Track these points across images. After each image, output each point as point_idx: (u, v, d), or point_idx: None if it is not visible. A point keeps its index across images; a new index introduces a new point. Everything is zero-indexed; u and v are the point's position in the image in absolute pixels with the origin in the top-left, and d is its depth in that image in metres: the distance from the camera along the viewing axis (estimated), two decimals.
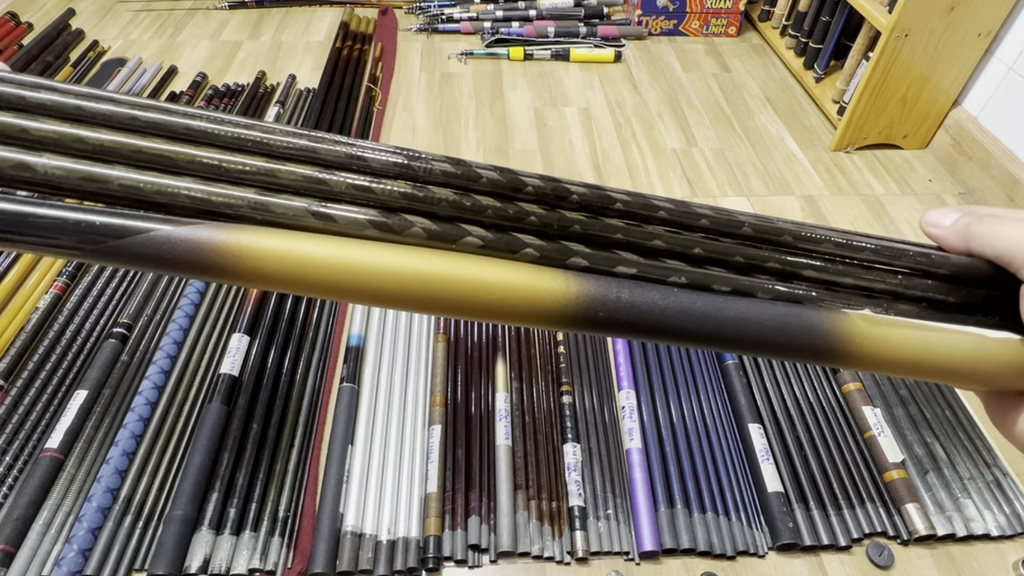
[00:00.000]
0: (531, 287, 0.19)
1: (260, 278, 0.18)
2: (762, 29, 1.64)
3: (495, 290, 0.19)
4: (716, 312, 0.19)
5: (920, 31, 1.10)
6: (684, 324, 0.19)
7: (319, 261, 0.18)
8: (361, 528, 0.67)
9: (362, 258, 0.18)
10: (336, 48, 1.48)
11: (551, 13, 1.63)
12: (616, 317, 0.19)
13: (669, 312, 0.19)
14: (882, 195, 1.18)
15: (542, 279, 0.19)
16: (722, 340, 0.20)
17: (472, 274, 0.19)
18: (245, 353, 0.82)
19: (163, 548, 0.64)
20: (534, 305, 0.19)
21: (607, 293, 0.19)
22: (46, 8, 1.66)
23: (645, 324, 0.19)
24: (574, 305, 0.19)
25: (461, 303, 0.19)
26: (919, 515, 0.69)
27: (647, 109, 1.38)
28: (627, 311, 0.19)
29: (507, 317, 0.19)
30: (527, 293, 0.19)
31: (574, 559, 0.67)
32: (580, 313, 0.19)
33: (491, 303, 0.19)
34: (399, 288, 0.18)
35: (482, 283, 0.19)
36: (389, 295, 0.18)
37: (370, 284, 0.18)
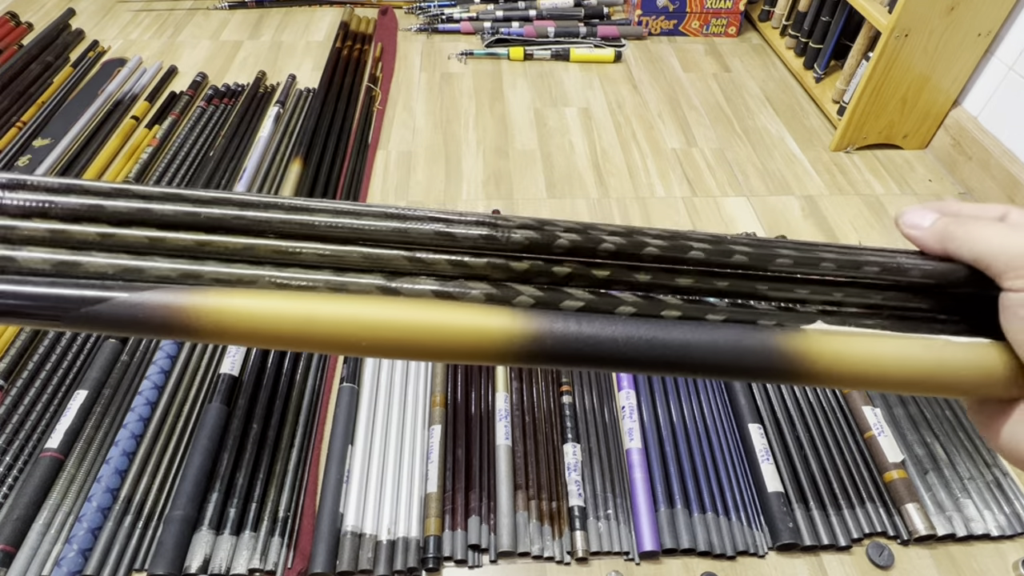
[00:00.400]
0: (478, 327, 0.19)
1: (219, 334, 0.19)
2: (762, 29, 1.64)
3: (444, 332, 0.19)
4: (665, 338, 0.20)
5: (920, 31, 1.10)
6: (633, 352, 0.19)
7: (271, 315, 0.19)
8: (361, 528, 0.67)
9: (313, 310, 0.19)
10: (336, 48, 1.48)
11: (551, 13, 1.63)
12: (564, 349, 0.19)
13: (619, 341, 0.19)
14: (882, 195, 1.18)
15: (488, 318, 0.19)
16: (674, 366, 0.20)
17: (419, 318, 0.19)
18: (245, 353, 0.82)
19: (163, 548, 0.64)
20: (483, 344, 0.19)
21: (552, 326, 0.19)
22: (46, 8, 1.66)
23: (594, 354, 0.19)
24: (521, 340, 0.19)
25: (411, 346, 0.19)
26: (919, 515, 0.69)
27: (647, 109, 1.38)
28: (575, 342, 0.19)
29: (458, 356, 0.20)
30: (475, 333, 0.19)
31: (574, 559, 0.67)
32: (528, 347, 0.19)
33: (441, 344, 0.19)
34: (352, 335, 0.19)
35: (429, 326, 0.19)
36: (340, 342, 0.19)
37: (321, 333, 0.19)
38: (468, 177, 1.19)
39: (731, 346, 0.20)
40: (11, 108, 1.27)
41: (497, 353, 0.19)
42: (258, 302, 0.19)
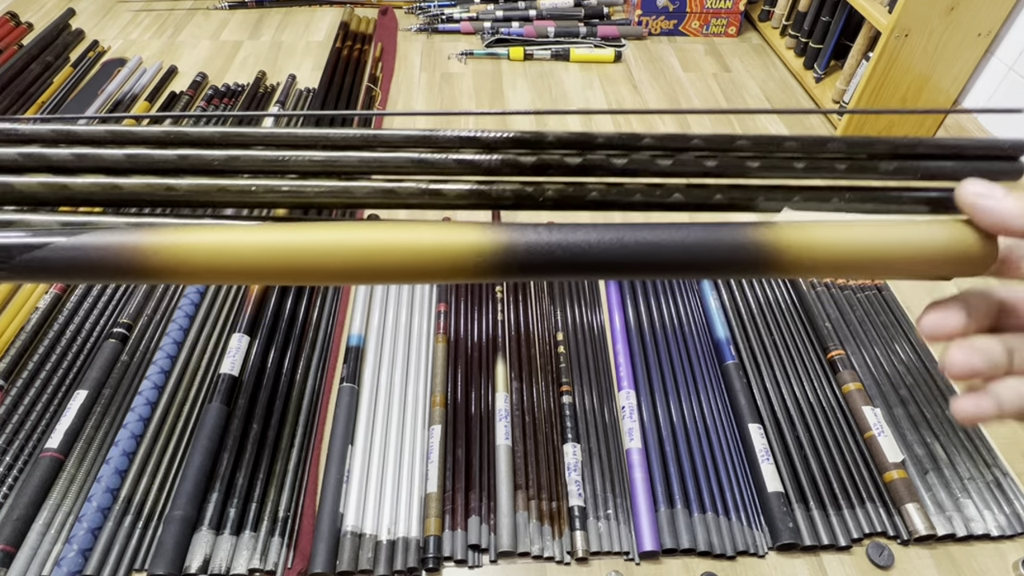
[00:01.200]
0: (447, 243, 0.19)
1: (173, 271, 0.19)
2: (762, 29, 1.64)
3: (411, 250, 0.19)
4: (636, 238, 0.20)
5: (920, 31, 1.10)
6: (606, 255, 0.20)
7: (227, 248, 0.19)
8: (361, 528, 0.67)
9: (270, 239, 0.19)
10: (336, 48, 1.48)
11: (551, 13, 1.63)
12: (537, 258, 0.19)
13: (592, 244, 0.20)
14: None
15: (455, 234, 0.19)
16: (647, 267, 0.20)
17: (383, 239, 0.19)
18: (245, 353, 0.82)
19: (163, 548, 0.64)
20: (453, 259, 0.19)
21: (521, 238, 0.19)
22: (46, 8, 1.66)
23: (568, 261, 0.19)
24: (492, 252, 0.19)
25: (377, 268, 0.19)
26: (919, 515, 0.69)
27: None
28: (546, 249, 0.19)
29: (428, 275, 0.19)
30: (444, 249, 0.19)
31: (574, 559, 0.67)
32: (500, 259, 0.19)
33: (409, 263, 0.19)
34: (314, 262, 0.19)
35: (395, 246, 0.19)
36: (302, 270, 0.19)
37: (281, 262, 0.19)
38: None
39: (702, 242, 0.20)
40: (11, 108, 1.27)
41: (468, 268, 0.19)
42: (213, 236, 0.18)
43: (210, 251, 0.18)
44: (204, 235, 0.18)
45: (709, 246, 0.20)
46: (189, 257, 0.18)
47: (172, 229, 0.18)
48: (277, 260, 0.19)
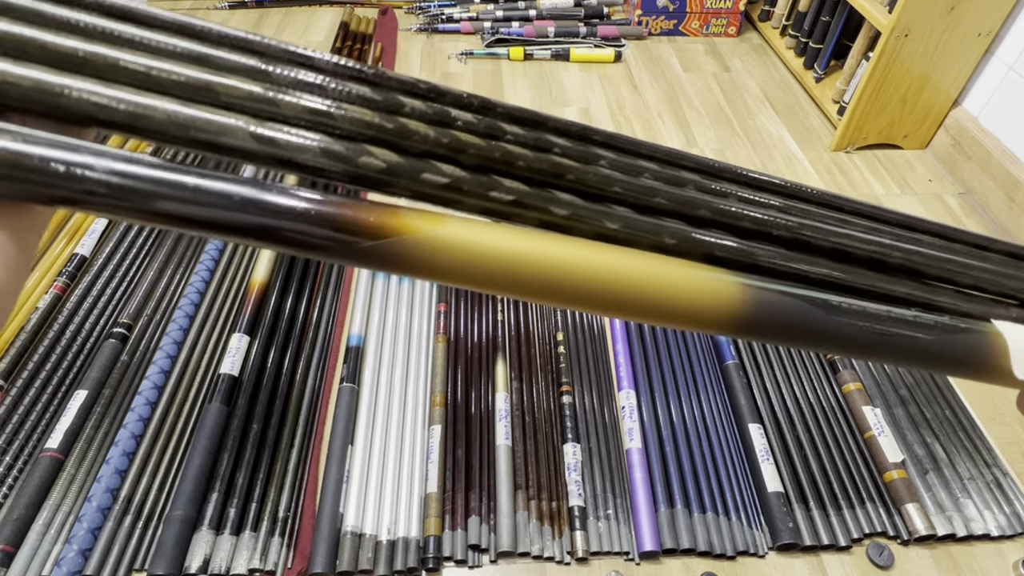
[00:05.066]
0: (705, 290, 0.18)
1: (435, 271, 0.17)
2: (762, 29, 1.64)
3: (667, 291, 0.18)
4: (878, 330, 0.19)
5: (920, 31, 1.10)
6: (850, 340, 0.19)
7: (485, 251, 0.17)
8: (361, 528, 0.67)
9: (532, 248, 0.17)
10: (336, 48, 1.48)
11: (551, 13, 1.63)
12: (777, 326, 0.19)
13: (830, 325, 0.19)
14: (882, 195, 1.17)
15: (716, 284, 0.18)
16: (869, 353, 0.19)
17: (645, 271, 0.18)
18: (245, 353, 0.82)
19: (163, 548, 0.64)
20: (706, 310, 0.18)
21: (774, 301, 0.18)
22: None
23: (805, 334, 0.19)
24: (741, 313, 0.18)
25: (630, 303, 0.18)
26: (919, 515, 0.69)
27: (647, 109, 1.38)
28: (790, 320, 0.19)
29: (672, 320, 0.18)
30: (700, 296, 0.18)
31: (574, 559, 0.67)
32: (747, 321, 0.18)
33: (662, 304, 0.18)
34: (567, 281, 0.18)
35: (656, 283, 0.18)
36: (562, 290, 0.18)
37: (539, 277, 0.17)
38: None
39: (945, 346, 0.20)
40: None
41: (716, 322, 0.18)
42: (473, 234, 0.17)
43: (479, 251, 0.17)
44: (476, 231, 0.17)
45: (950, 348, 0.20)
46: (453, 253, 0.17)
47: (435, 217, 0.17)
48: (547, 274, 0.17)
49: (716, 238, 0.20)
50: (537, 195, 0.19)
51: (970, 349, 0.19)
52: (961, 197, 1.17)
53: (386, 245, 0.16)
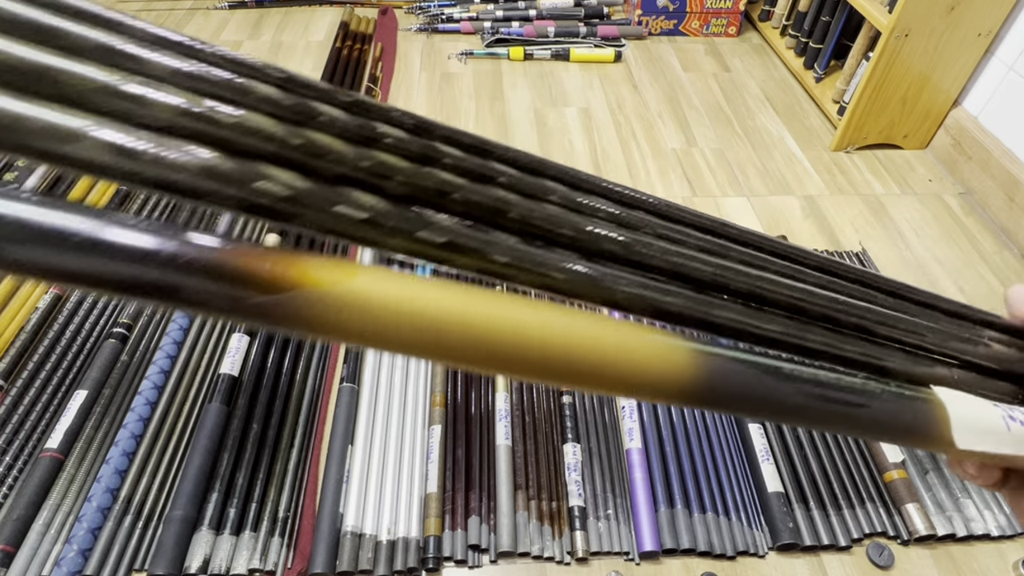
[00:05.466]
0: (656, 358, 0.16)
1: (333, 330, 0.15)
2: (762, 29, 1.64)
3: (612, 359, 0.16)
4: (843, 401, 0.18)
5: (920, 31, 1.10)
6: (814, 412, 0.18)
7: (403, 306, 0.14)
8: (361, 528, 0.67)
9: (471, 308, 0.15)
10: (336, 48, 1.48)
11: (551, 13, 1.63)
12: (729, 396, 0.17)
13: (791, 396, 0.17)
14: (882, 195, 1.18)
15: (668, 351, 0.16)
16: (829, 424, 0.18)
17: (589, 335, 0.16)
18: (245, 353, 0.82)
19: (163, 548, 0.64)
20: (655, 379, 0.16)
21: (728, 369, 0.17)
22: None
23: (755, 404, 0.17)
24: (693, 382, 0.16)
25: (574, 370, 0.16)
26: (919, 515, 0.69)
27: (647, 109, 1.38)
28: (742, 389, 0.17)
29: (615, 390, 0.17)
30: (650, 364, 0.16)
31: (574, 559, 0.67)
32: (699, 390, 0.17)
33: (605, 374, 0.16)
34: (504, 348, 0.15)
35: (600, 349, 0.16)
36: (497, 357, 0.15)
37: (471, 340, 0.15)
38: None
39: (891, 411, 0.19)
40: None
41: (665, 392, 0.16)
42: (405, 288, 0.14)
43: (388, 307, 0.14)
44: (393, 284, 0.14)
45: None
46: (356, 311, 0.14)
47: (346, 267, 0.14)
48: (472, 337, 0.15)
49: (672, 291, 0.18)
50: (475, 237, 0.16)
51: (915, 418, 0.19)
52: (961, 197, 1.17)
53: (283, 301, 0.13)
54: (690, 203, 1.15)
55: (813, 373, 0.18)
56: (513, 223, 0.17)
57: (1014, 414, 0.20)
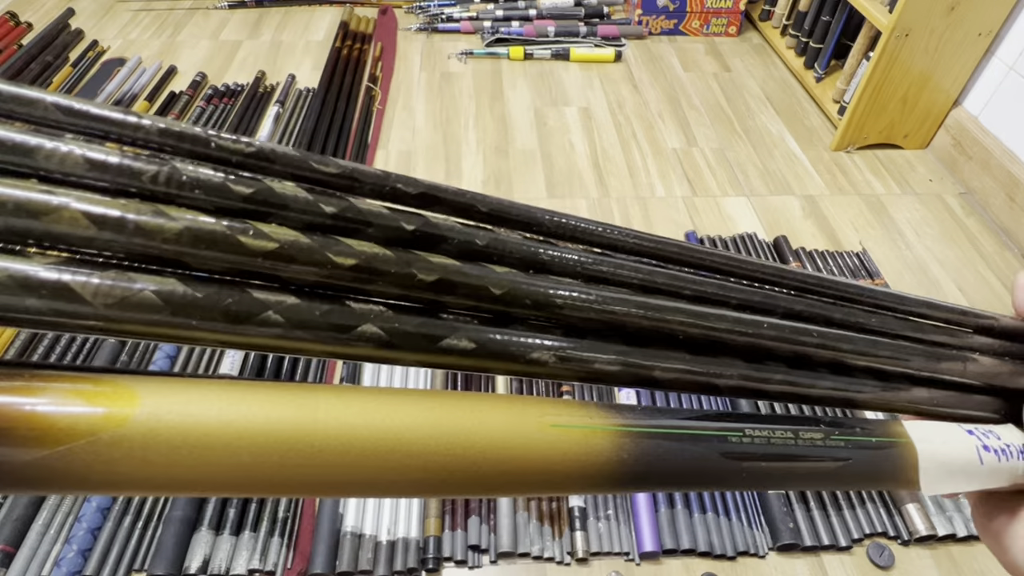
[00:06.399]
0: (567, 450, 0.14)
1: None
2: (762, 29, 1.64)
3: (507, 458, 0.13)
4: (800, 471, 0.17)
5: (920, 31, 1.10)
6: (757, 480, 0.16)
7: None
8: (361, 528, 0.67)
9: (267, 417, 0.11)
10: (336, 48, 1.48)
11: (551, 12, 1.63)
12: (667, 475, 0.15)
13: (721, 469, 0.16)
14: (883, 195, 1.17)
15: (583, 438, 0.14)
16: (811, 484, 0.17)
17: (478, 432, 0.13)
18: (244, 353, 0.82)
19: (163, 548, 0.64)
20: (567, 475, 0.14)
21: (662, 449, 0.15)
22: (46, 8, 1.66)
23: (700, 479, 0.16)
24: (618, 469, 0.14)
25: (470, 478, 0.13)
26: (919, 515, 0.69)
27: (647, 109, 1.38)
28: (682, 467, 0.15)
29: (517, 491, 0.14)
30: (561, 459, 0.14)
31: (574, 559, 0.67)
32: (627, 476, 0.15)
33: (502, 477, 0.13)
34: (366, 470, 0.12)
35: (494, 449, 0.13)
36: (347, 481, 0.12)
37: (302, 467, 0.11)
38: (468, 177, 1.18)
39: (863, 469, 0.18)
40: None
41: (586, 482, 0.14)
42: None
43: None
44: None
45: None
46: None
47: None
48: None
49: (601, 347, 0.15)
50: (307, 308, 0.12)
51: (880, 467, 0.17)
52: (962, 197, 1.17)
53: (48, 461, 0.10)
54: (690, 203, 1.15)
55: (765, 438, 0.16)
56: (380, 290, 0.14)
57: (989, 442, 0.19)
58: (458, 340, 0.14)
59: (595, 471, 0.14)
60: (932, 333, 0.20)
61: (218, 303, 0.11)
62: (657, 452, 0.15)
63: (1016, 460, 0.19)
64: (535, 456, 0.13)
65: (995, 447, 0.18)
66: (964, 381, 0.20)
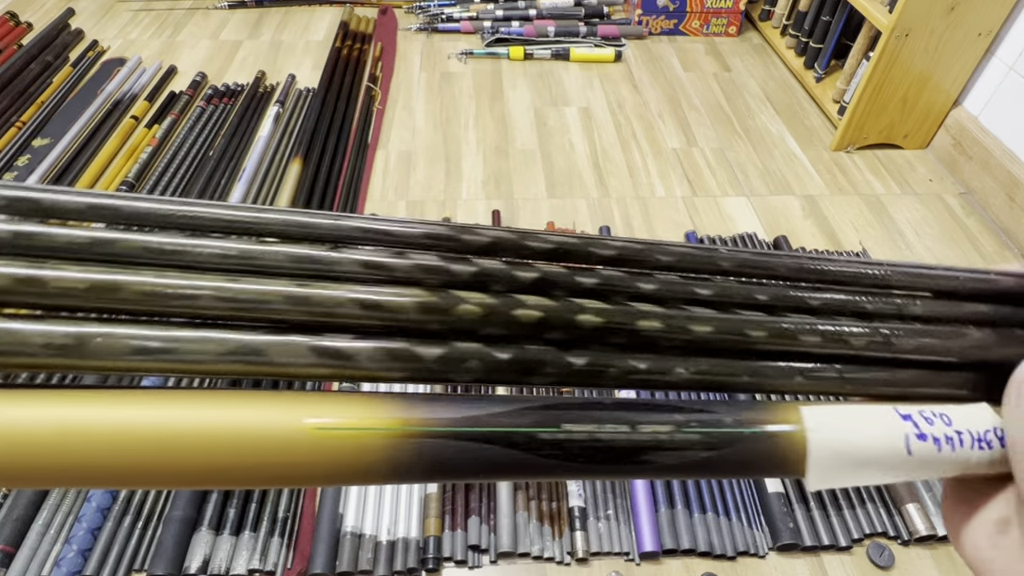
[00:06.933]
0: (338, 451, 0.14)
1: None
2: (762, 29, 1.64)
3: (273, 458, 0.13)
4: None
5: (920, 31, 1.10)
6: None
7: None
8: (361, 528, 0.67)
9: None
10: (336, 48, 1.48)
11: (551, 12, 1.63)
12: (446, 473, 0.15)
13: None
14: (883, 195, 1.17)
15: (355, 442, 0.14)
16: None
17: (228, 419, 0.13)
18: None
19: (163, 548, 0.64)
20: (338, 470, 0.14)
21: (444, 450, 0.14)
22: (46, 7, 1.66)
23: (503, 472, 0.15)
24: (392, 465, 0.14)
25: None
26: (920, 515, 0.69)
27: (647, 109, 1.38)
28: (482, 464, 0.15)
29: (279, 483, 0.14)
30: (332, 461, 0.14)
31: (574, 559, 0.67)
32: (402, 473, 0.14)
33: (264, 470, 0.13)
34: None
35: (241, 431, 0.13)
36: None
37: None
38: (468, 177, 1.18)
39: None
40: (10, 108, 1.27)
41: (361, 472, 0.14)
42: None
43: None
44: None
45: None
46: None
47: None
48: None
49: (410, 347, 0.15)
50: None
51: (754, 459, 0.16)
52: (962, 197, 1.17)
53: None
54: (690, 203, 1.15)
55: (586, 435, 0.15)
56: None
57: (931, 429, 0.17)
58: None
59: (364, 471, 0.14)
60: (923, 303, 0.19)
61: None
62: (445, 452, 0.14)
63: (969, 449, 0.17)
64: (292, 460, 0.13)
65: (937, 435, 0.17)
66: (936, 359, 0.18)
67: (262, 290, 0.14)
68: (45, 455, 0.12)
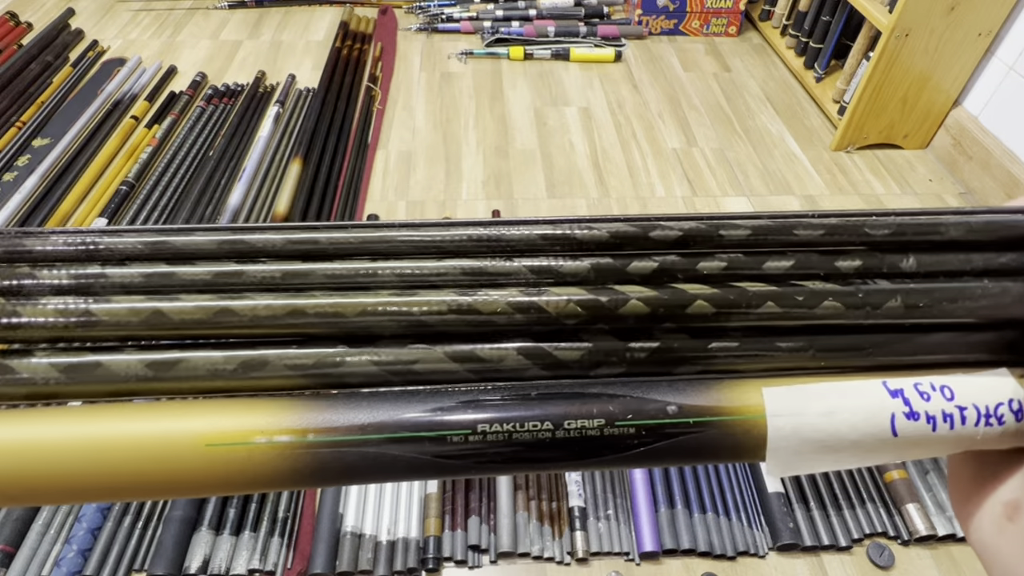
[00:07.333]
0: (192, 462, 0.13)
1: None
2: (762, 29, 1.64)
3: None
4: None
5: (920, 31, 1.10)
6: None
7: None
8: (361, 528, 0.67)
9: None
10: (336, 48, 1.48)
11: (551, 12, 1.63)
12: (351, 478, 0.14)
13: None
14: (883, 195, 1.17)
15: (249, 456, 0.14)
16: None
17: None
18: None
19: (162, 548, 0.64)
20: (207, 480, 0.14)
21: (345, 458, 0.14)
22: (46, 7, 1.66)
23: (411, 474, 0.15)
24: (289, 475, 0.14)
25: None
26: (920, 515, 0.69)
27: (647, 109, 1.38)
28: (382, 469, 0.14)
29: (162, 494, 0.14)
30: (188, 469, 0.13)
31: (574, 559, 0.67)
32: (299, 480, 0.14)
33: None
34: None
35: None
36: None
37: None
38: (468, 177, 1.18)
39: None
40: (10, 108, 1.27)
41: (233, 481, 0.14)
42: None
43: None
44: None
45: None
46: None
47: None
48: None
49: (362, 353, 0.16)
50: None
51: (703, 448, 0.15)
52: (962, 197, 1.17)
53: None
54: (690, 203, 1.15)
55: (502, 436, 0.15)
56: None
57: (927, 406, 0.15)
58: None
59: (262, 480, 0.14)
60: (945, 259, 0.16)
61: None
62: (346, 458, 0.14)
63: (973, 426, 0.15)
64: (187, 472, 0.13)
65: (932, 412, 0.15)
66: (944, 321, 0.16)
67: (430, 300, 0.16)
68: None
